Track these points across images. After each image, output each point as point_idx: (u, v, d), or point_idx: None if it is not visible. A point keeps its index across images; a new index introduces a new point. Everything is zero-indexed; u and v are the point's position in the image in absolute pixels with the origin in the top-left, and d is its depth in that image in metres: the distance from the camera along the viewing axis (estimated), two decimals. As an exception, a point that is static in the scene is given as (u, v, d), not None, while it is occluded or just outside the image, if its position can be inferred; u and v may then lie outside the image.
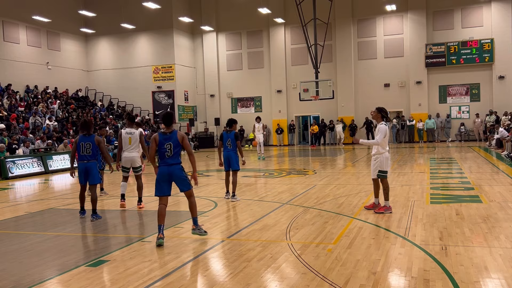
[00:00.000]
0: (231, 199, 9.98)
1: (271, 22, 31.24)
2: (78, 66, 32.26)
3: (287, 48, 31.72)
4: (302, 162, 19.68)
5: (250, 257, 5.71)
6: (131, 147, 9.43)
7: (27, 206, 9.50)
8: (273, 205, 9.31)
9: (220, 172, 17.15)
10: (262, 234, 6.93)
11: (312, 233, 6.86)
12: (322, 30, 26.96)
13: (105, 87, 32.48)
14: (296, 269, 5.24)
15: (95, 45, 32.92)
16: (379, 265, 5.22)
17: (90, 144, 8.35)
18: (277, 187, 11.95)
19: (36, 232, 7.75)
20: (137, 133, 9.46)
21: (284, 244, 6.32)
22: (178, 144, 6.47)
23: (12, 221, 8.76)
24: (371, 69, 30.11)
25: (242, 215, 8.41)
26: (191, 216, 6.74)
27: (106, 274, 5.29)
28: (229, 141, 9.92)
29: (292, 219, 7.88)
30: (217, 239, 6.75)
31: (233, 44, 32.98)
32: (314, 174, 14.71)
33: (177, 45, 31.54)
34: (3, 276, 5.47)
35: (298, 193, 10.72)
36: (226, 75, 33.18)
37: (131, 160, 9.47)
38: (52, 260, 6.19)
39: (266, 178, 14.34)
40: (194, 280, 5.09)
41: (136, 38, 32.05)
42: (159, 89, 31.88)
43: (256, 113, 32.54)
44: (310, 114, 32.17)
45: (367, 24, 30.16)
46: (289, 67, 31.73)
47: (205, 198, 10.49)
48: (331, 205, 9.07)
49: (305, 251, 5.89)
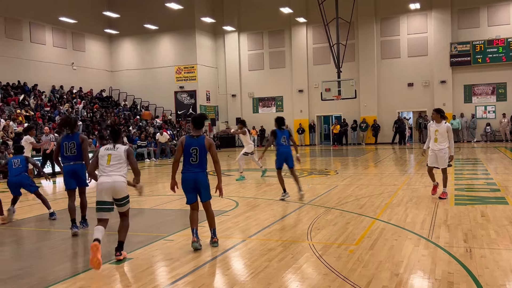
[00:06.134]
0: (299, 194, 9.89)
1: (293, 22, 31.16)
2: (102, 67, 32.78)
3: (309, 47, 31.59)
4: (324, 162, 19.58)
5: (271, 257, 5.71)
6: None
7: (52, 204, 9.68)
8: (294, 205, 9.29)
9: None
10: (283, 234, 6.92)
11: (334, 233, 6.82)
12: (344, 29, 26.76)
13: (129, 87, 32.91)
14: (317, 270, 5.21)
15: (119, 46, 33.39)
16: (402, 267, 5.16)
17: (74, 143, 7.54)
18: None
19: (60, 230, 7.91)
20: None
21: (305, 244, 6.30)
22: (205, 150, 6.12)
23: (37, 219, 8.96)
24: (394, 69, 29.74)
25: (263, 215, 8.41)
26: (211, 227, 6.36)
27: (129, 272, 5.36)
28: (284, 139, 9.93)
29: (313, 219, 7.84)
30: (238, 239, 6.77)
31: (254, 44, 33.02)
32: (336, 175, 14.61)
33: (199, 45, 31.75)
34: (29, 272, 5.60)
35: (319, 194, 10.67)
36: (248, 75, 33.24)
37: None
38: (76, 257, 6.31)
39: (287, 178, 14.29)
40: (215, 279, 5.12)
41: (159, 39, 32.38)
42: (181, 89, 32.14)
43: (278, 113, 32.52)
44: (332, 113, 31.97)
45: (390, 22, 29.80)
46: (311, 67, 31.59)
47: (226, 197, 10.52)
48: (353, 205, 9.00)
49: (326, 252, 5.86)
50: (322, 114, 32.36)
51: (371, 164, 18.12)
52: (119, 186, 5.83)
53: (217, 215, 8.36)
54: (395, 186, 11.47)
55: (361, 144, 29.69)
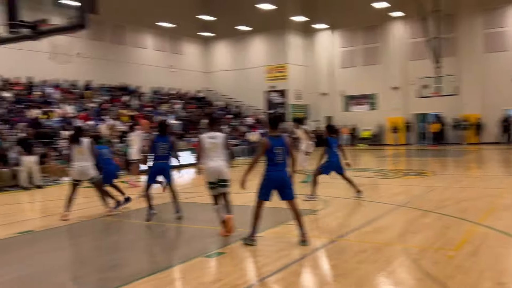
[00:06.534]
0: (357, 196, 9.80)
1: (388, 17, 30.06)
2: (198, 68, 34.21)
3: (405, 42, 30.29)
4: (420, 163, 18.68)
5: (362, 259, 5.56)
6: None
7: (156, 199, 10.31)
8: (388, 207, 8.96)
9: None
10: (376, 236, 6.71)
11: (431, 238, 6.47)
12: (443, 22, 25.26)
13: (223, 88, 33.98)
14: (412, 275, 4.98)
15: (213, 48, 34.64)
16: (506, 276, 4.75)
17: (166, 145, 8.31)
18: (392, 189, 11.48)
19: (160, 222, 8.38)
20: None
21: (399, 248, 6.05)
22: (287, 148, 6.27)
23: (140, 212, 9.56)
24: (501, 63, 27.42)
25: (355, 216, 8.22)
26: (300, 226, 6.33)
27: (221, 266, 5.53)
28: (335, 146, 9.96)
29: (408, 222, 7.51)
30: (329, 239, 6.68)
31: (347, 41, 32.41)
32: (434, 176, 13.86)
33: (290, 44, 31.87)
34: (132, 262, 6.02)
35: (415, 195, 10.20)
36: (340, 72, 32.71)
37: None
38: (173, 249, 6.64)
39: (381, 178, 13.85)
40: (304, 277, 5.10)
41: (251, 40, 33.03)
42: (272, 88, 32.48)
43: (371, 111, 31.64)
44: (430, 111, 30.37)
45: (496, 13, 27.54)
46: (407, 63, 30.25)
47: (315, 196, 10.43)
48: (452, 209, 8.47)
49: (422, 256, 5.57)
50: (419, 112, 30.84)
51: (473, 165, 16.94)
52: (223, 170, 6.96)
53: (306, 215, 8.34)
54: (501, 189, 10.60)
55: (462, 143, 27.83)
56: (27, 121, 17.89)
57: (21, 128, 16.73)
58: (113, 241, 7.27)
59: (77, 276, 5.52)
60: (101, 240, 7.40)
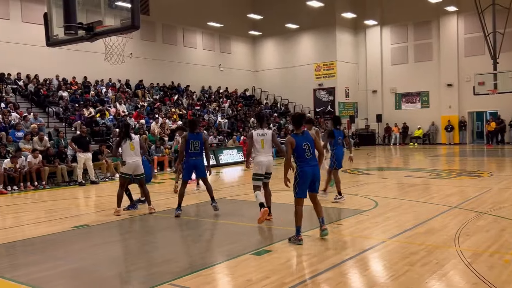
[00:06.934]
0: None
1: (442, 11, 29.02)
2: (246, 67, 34.43)
3: (459, 38, 29.14)
4: (476, 163, 17.94)
5: (413, 261, 5.40)
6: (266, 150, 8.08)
7: (203, 195, 10.46)
8: (440, 208, 8.66)
9: (381, 171, 16.62)
10: (427, 238, 6.50)
11: (486, 241, 6.20)
12: (502, 16, 24.09)
13: (270, 86, 34.01)
14: (465, 278, 4.79)
15: (261, 46, 34.73)
16: None
17: (198, 142, 8.63)
18: (445, 189, 11.09)
19: (208, 219, 8.50)
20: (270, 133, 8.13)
21: (452, 250, 5.83)
22: (313, 143, 6.54)
23: (189, 208, 9.75)
24: None
25: (405, 217, 8.00)
26: (320, 216, 6.62)
27: (268, 264, 5.53)
28: (340, 139, 9.83)
29: (462, 224, 7.23)
30: (378, 240, 6.55)
31: (398, 37, 31.57)
32: (490, 176, 13.27)
33: (339, 41, 31.43)
34: (181, 257, 6.15)
35: (469, 197, 9.80)
36: (390, 69, 31.92)
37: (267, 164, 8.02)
38: (221, 246, 6.72)
39: (433, 179, 13.42)
40: (353, 278, 5.02)
41: (299, 37, 32.85)
42: (320, 86, 32.19)
43: (423, 109, 30.69)
44: (486, 109, 29.08)
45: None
46: (462, 59, 29.09)
47: (365, 196, 10.26)
48: (509, 211, 8.07)
49: (476, 260, 5.35)
50: (475, 110, 29.60)
51: (533, 165, 16.09)
52: (271, 164, 7.89)
53: (355, 215, 8.23)
54: None
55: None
56: (83, 119, 18.66)
57: (77, 126, 17.46)
58: (162, 236, 7.45)
59: (128, 270, 5.69)
60: (151, 235, 7.61)
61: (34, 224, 8.77)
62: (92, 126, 18.26)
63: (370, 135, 31.79)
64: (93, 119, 18.93)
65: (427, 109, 30.50)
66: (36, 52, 20.70)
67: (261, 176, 7.79)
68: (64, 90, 21.52)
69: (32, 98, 20.23)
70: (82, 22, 6.99)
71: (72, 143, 14.75)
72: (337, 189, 9.80)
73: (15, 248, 6.88)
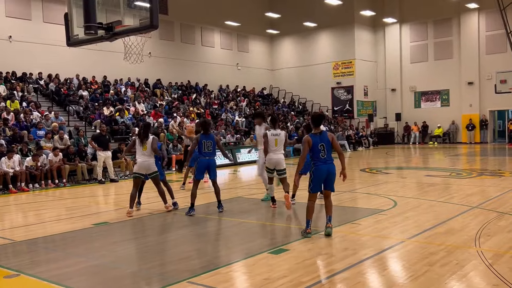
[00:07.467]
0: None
1: (462, 8, 28.58)
2: (264, 66, 34.42)
3: (481, 35, 28.65)
4: (497, 162, 17.62)
5: (433, 261, 5.34)
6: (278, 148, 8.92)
7: (209, 196, 10.50)
8: (461, 208, 8.54)
9: (400, 170, 16.45)
10: (447, 238, 6.42)
11: (508, 241, 6.09)
12: (524, 12, 23.59)
13: (287, 85, 33.94)
14: (486, 280, 4.72)
15: (279, 45, 34.67)
16: None
17: (211, 142, 8.75)
18: (465, 189, 10.92)
19: (225, 218, 8.53)
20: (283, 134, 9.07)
21: (473, 251, 5.74)
22: (330, 143, 6.67)
23: (205, 206, 9.79)
24: None
25: (425, 216, 7.91)
26: (328, 214, 6.73)
27: (286, 263, 5.53)
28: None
29: (483, 224, 7.11)
30: (397, 239, 6.48)
31: (417, 35, 31.19)
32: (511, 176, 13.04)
33: (357, 39, 31.19)
34: (198, 255, 6.19)
35: (491, 197, 9.63)
36: (409, 67, 31.56)
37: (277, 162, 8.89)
38: (238, 244, 6.74)
39: (453, 178, 13.23)
40: (371, 278, 4.98)
41: (317, 36, 32.70)
42: (338, 85, 31.99)
43: (443, 107, 30.28)
44: (508, 108, 28.54)
45: None
46: (483, 56, 28.60)
47: (384, 196, 10.17)
48: (532, 212, 7.92)
49: (498, 261, 5.26)
50: (496, 109, 29.08)
51: (557, 165, 15.74)
52: (281, 162, 8.79)
53: (373, 214, 8.17)
54: None
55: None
56: (103, 118, 18.89)
57: (97, 125, 17.69)
58: (181, 234, 7.51)
59: (147, 267, 5.75)
60: (170, 233, 7.67)
61: (55, 221, 8.92)
62: (111, 125, 18.48)
63: (389, 134, 31.49)
64: (112, 118, 19.16)
65: (447, 108, 30.09)
66: (57, 52, 21.06)
67: (271, 170, 8.85)
68: (84, 89, 21.84)
69: (53, 97, 20.59)
70: (102, 22, 7.07)
71: (92, 142, 14.96)
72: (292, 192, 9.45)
73: (36, 245, 7.00)
